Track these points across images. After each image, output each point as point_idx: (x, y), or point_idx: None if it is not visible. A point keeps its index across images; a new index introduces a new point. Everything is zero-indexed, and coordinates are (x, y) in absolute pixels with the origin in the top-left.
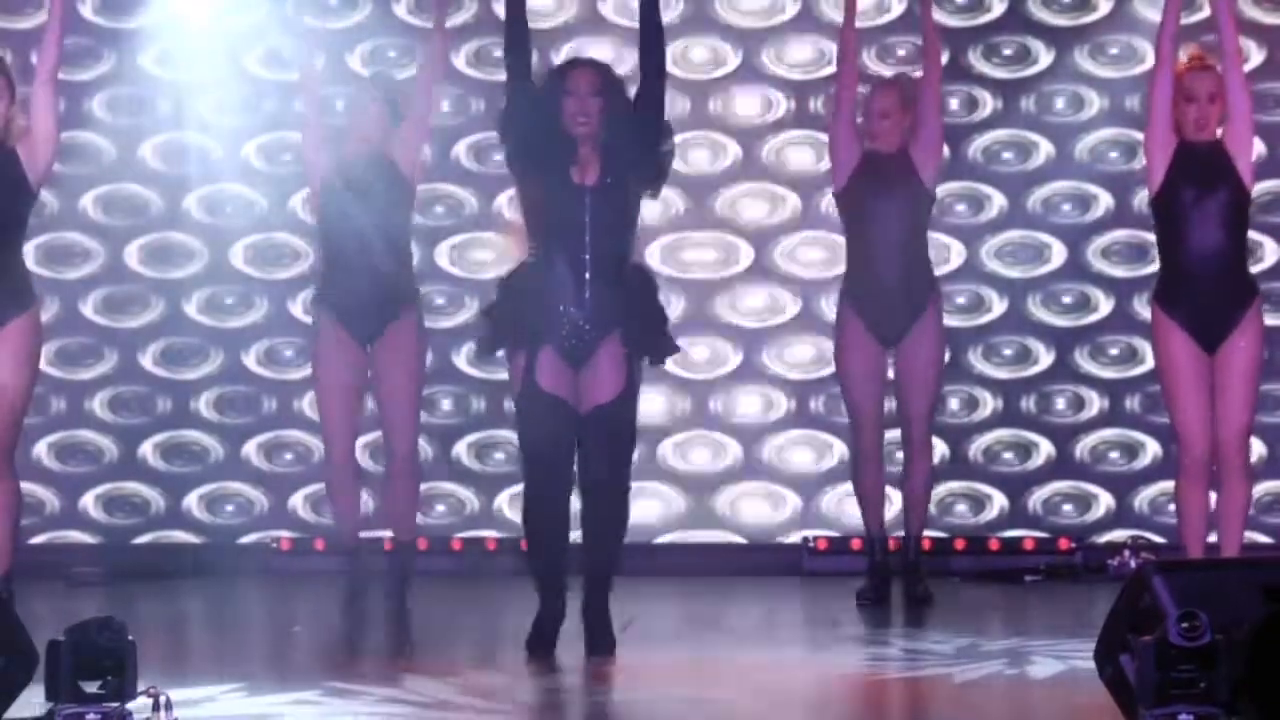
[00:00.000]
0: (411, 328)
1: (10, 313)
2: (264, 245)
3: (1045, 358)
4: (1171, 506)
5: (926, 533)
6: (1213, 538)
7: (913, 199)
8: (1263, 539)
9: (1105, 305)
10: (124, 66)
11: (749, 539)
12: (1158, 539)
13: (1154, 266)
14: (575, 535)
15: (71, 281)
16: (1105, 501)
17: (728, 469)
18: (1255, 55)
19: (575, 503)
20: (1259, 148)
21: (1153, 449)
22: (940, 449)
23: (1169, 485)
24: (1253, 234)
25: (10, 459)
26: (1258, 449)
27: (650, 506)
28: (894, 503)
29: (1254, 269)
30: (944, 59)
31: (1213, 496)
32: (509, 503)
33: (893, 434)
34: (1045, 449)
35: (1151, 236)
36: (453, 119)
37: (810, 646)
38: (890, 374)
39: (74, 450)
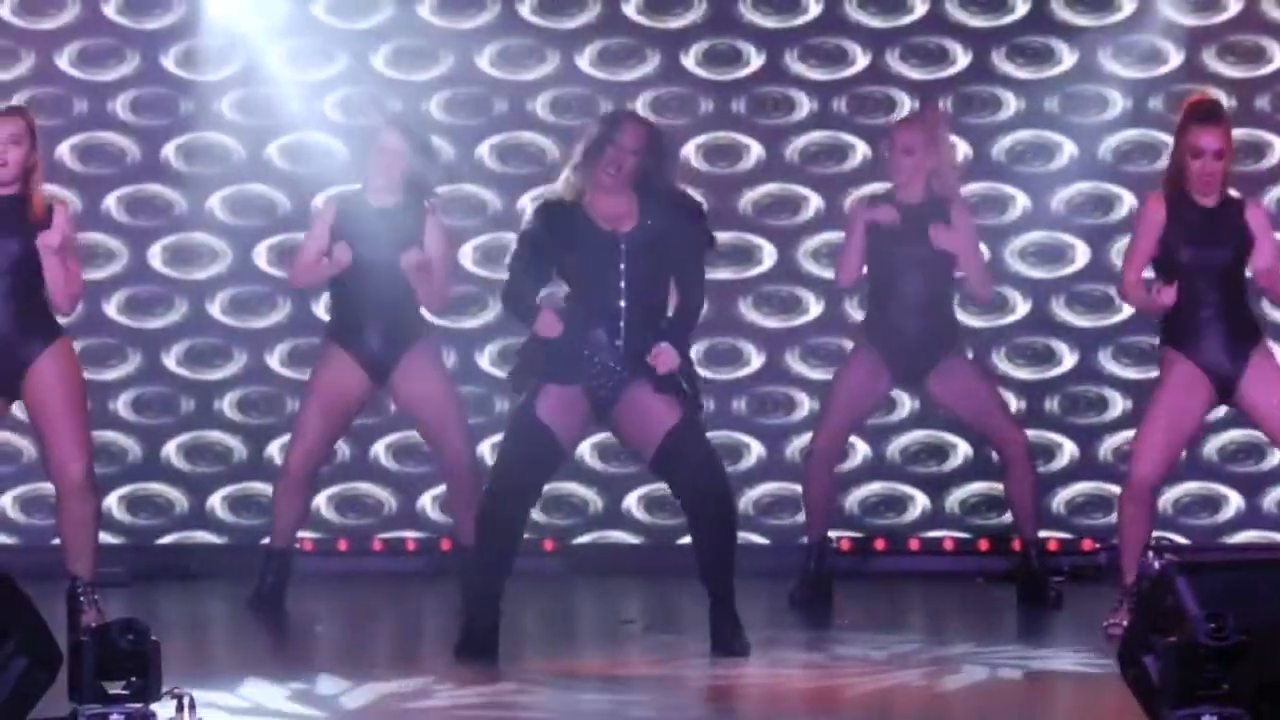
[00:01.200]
0: (427, 351)
1: (40, 345)
2: (287, 246)
3: (1069, 358)
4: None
5: (950, 534)
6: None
7: (940, 253)
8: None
9: (1128, 306)
10: (147, 67)
11: (771, 540)
12: (1180, 540)
13: None
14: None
15: (95, 282)
16: None
17: (750, 470)
18: (1279, 57)
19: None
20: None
21: None
22: (963, 450)
23: (1193, 486)
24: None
25: (92, 474)
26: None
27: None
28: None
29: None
30: (967, 61)
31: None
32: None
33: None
34: (1069, 450)
35: None
36: (474, 119)
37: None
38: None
39: (97, 451)
